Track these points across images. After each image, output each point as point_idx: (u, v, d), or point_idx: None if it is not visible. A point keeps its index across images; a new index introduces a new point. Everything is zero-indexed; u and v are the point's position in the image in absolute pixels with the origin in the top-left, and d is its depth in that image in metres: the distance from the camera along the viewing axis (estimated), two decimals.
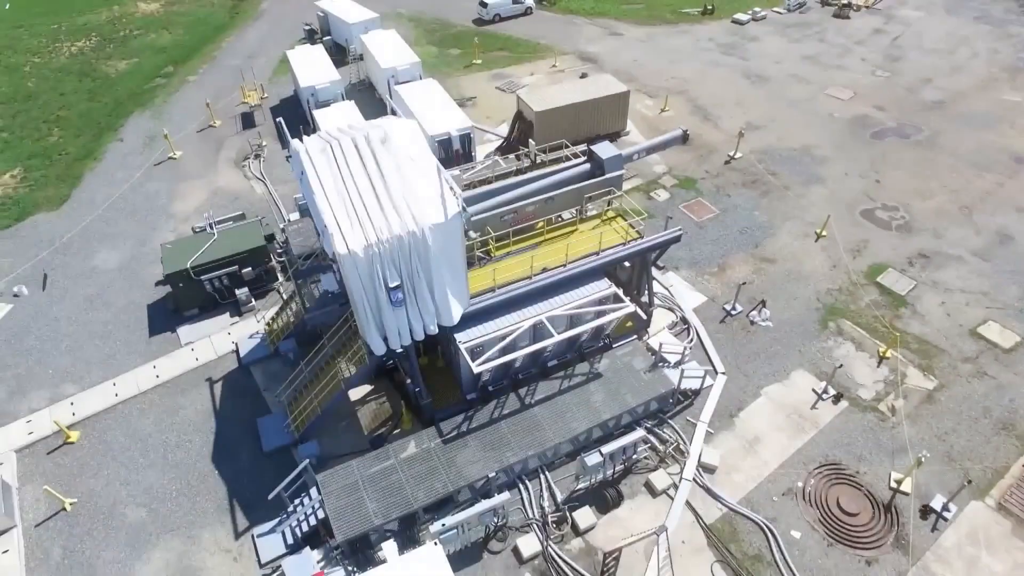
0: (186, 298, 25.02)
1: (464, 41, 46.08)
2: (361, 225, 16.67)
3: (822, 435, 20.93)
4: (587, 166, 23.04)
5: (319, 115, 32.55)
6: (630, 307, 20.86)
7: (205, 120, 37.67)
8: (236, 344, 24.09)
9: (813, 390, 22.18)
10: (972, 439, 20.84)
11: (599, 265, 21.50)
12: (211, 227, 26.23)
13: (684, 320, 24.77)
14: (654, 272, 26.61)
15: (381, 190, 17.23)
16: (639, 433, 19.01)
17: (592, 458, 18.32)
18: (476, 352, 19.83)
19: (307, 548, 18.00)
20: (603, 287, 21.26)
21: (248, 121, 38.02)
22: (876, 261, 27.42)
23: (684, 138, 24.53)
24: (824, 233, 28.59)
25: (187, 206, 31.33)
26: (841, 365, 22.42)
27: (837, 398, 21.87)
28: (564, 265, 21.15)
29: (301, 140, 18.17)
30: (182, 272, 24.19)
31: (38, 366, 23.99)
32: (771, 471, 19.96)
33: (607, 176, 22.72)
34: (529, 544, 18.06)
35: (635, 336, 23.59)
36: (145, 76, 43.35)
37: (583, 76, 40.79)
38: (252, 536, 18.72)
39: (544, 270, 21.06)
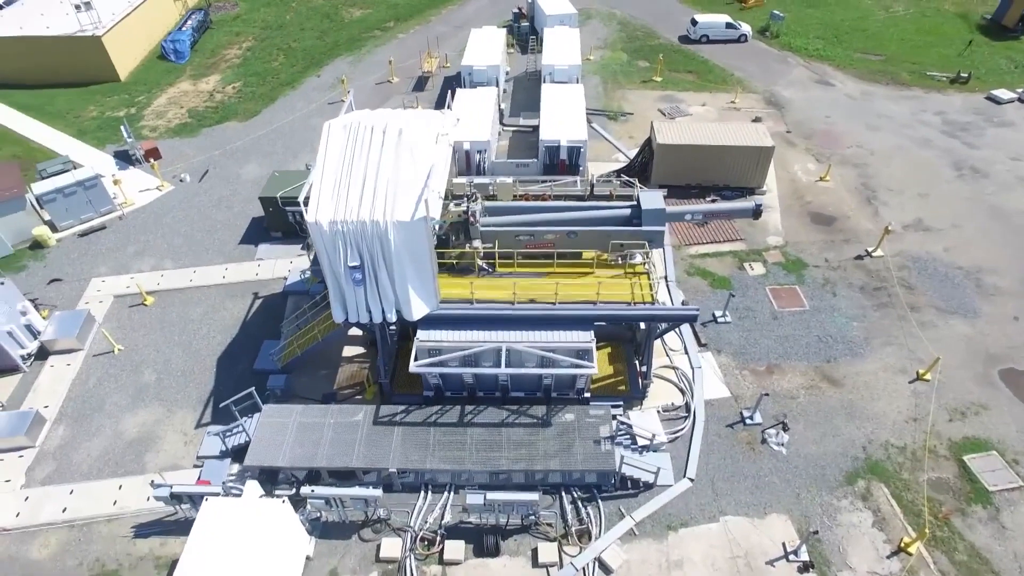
0: (274, 221, 28.94)
1: (659, 55, 44.26)
2: (336, 201, 17.92)
3: None
4: (627, 212, 21.51)
5: (459, 94, 34.44)
6: (591, 370, 19.39)
7: (385, 75, 41.96)
8: (289, 272, 27.39)
9: (783, 544, 18.59)
10: None
11: (590, 316, 20.20)
12: None
13: (688, 408, 22.15)
14: (693, 346, 24.24)
15: (371, 177, 18.23)
16: (533, 496, 17.89)
17: (473, 497, 17.81)
18: (432, 353, 20.25)
19: (229, 460, 20.49)
20: (583, 339, 19.99)
21: (419, 84, 41.51)
22: (980, 436, 21.44)
23: (755, 213, 21.50)
24: (927, 377, 23.03)
25: None
26: (816, 531, 18.35)
27: (806, 567, 18.05)
28: (553, 303, 20.31)
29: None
30: (272, 199, 27.99)
31: (161, 239, 29.85)
32: None
33: (642, 228, 21.00)
34: (392, 547, 18.36)
35: (620, 402, 21.82)
36: (368, 26, 49.36)
37: (755, 120, 36.99)
38: (206, 432, 21.73)
39: (531, 301, 20.47)
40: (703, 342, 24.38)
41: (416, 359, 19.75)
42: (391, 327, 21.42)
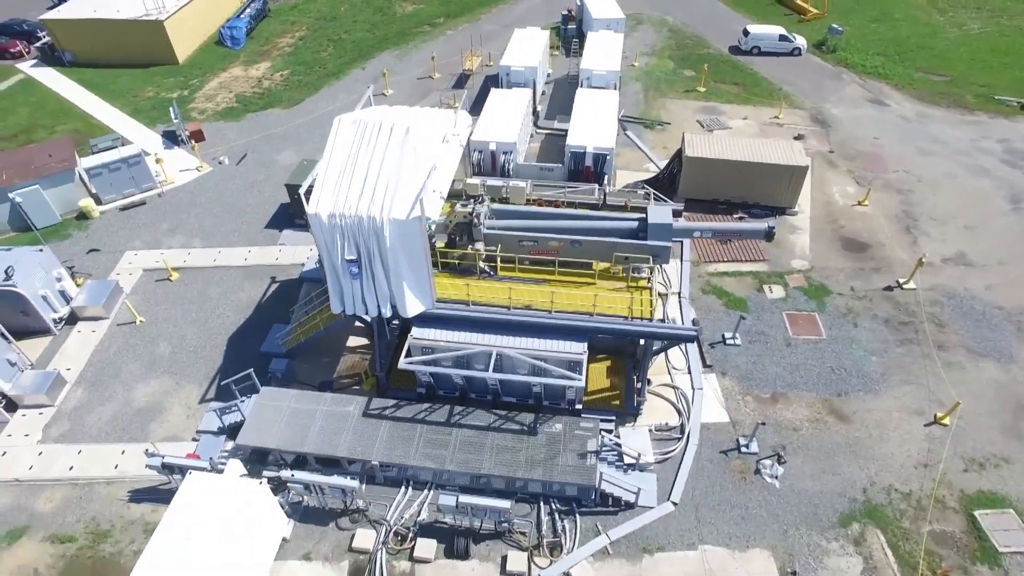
0: (299, 208, 29.60)
1: (704, 65, 43.18)
2: (336, 194, 18.24)
3: None
4: (634, 224, 21.09)
5: (493, 93, 34.53)
6: (579, 382, 19.12)
7: (427, 71, 42.43)
8: (307, 259, 28.09)
9: None
10: None
11: (584, 327, 19.92)
12: None
13: (682, 429, 21.57)
14: (697, 366, 23.63)
15: (372, 173, 18.44)
16: (505, 503, 17.81)
17: (446, 499, 17.88)
18: (425, 351, 20.42)
19: (224, 437, 21.21)
20: (576, 350, 19.75)
21: (460, 82, 41.80)
22: (997, 491, 20.05)
23: (768, 235, 20.64)
24: (946, 422, 21.70)
25: None
26: (794, 572, 17.54)
27: None
28: (549, 311, 20.14)
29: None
30: (298, 186, 28.67)
31: (193, 218, 31.10)
32: None
33: (648, 243, 20.56)
34: (366, 538, 18.62)
35: (613, 417, 21.47)
36: (418, 21, 50.00)
37: (798, 137, 35.68)
38: (208, 407, 22.54)
39: (528, 307, 20.36)
40: (708, 363, 23.70)
41: (408, 356, 19.94)
42: (392, 322, 21.72)
